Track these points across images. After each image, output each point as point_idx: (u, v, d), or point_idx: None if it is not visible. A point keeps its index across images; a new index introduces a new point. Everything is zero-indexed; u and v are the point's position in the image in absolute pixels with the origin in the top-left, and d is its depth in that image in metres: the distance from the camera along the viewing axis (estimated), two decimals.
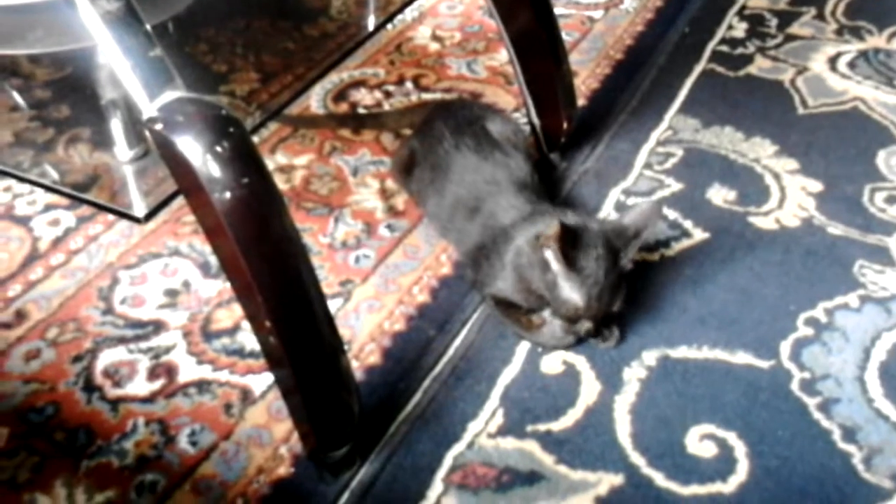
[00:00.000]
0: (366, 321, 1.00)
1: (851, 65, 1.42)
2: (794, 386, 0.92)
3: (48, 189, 1.14)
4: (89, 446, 0.87)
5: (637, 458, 0.86)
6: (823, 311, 1.00)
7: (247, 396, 0.92)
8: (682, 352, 0.96)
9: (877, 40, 1.49)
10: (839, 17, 1.55)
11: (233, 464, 0.86)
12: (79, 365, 0.95)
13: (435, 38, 1.51)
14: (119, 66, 0.72)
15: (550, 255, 0.90)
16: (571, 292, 0.90)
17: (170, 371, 0.95)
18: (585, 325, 0.92)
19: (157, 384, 0.93)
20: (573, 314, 0.92)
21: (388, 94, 1.37)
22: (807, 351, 0.96)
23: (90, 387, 0.93)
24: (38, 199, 1.18)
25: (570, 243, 0.89)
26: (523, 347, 0.97)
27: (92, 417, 0.90)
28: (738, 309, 1.01)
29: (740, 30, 1.52)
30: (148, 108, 0.72)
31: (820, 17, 1.56)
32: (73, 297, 1.03)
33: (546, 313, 0.96)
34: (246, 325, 0.98)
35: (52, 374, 0.94)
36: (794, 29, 1.52)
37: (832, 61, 1.43)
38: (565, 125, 1.20)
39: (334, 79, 1.40)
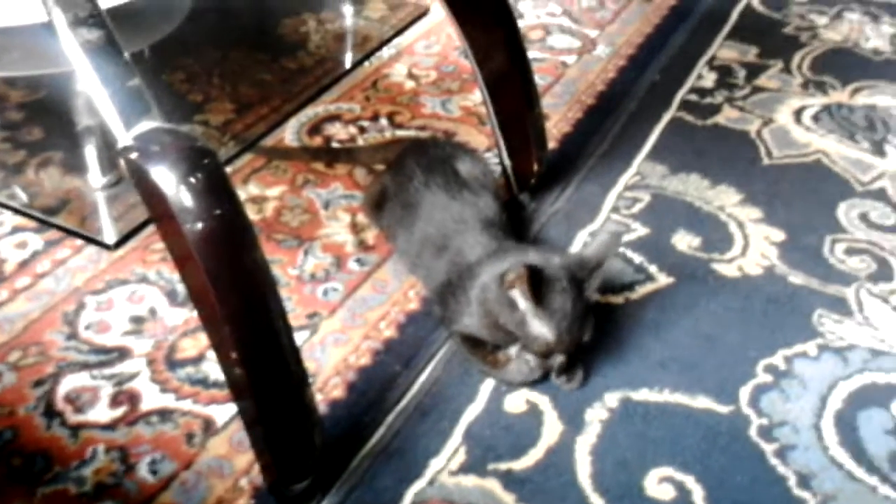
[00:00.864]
0: (331, 354, 1.01)
1: (815, 118, 1.46)
2: (753, 431, 0.94)
3: (16, 211, 1.14)
4: (46, 472, 0.86)
5: (596, 500, 0.86)
6: (783, 359, 1.02)
7: (209, 426, 0.92)
8: (643, 394, 0.97)
9: (840, 95, 1.53)
10: (805, 71, 1.60)
11: (192, 494, 0.85)
12: (40, 389, 0.94)
13: (410, 76, 1.53)
14: (96, 93, 0.73)
15: (517, 295, 0.91)
16: (542, 328, 0.91)
17: (132, 398, 0.94)
18: (559, 359, 0.94)
19: (119, 411, 0.93)
20: (545, 349, 0.93)
21: (362, 130, 1.38)
22: (765, 397, 0.98)
23: (51, 412, 0.92)
24: (5, 220, 1.17)
25: (536, 282, 0.90)
26: (487, 385, 0.98)
27: (51, 443, 0.89)
28: (700, 354, 1.03)
29: (709, 80, 1.56)
30: (124, 137, 0.72)
31: (786, 70, 1.60)
32: (38, 321, 1.02)
33: (512, 350, 0.97)
34: (211, 354, 0.98)
35: (12, 397, 0.93)
36: (762, 81, 1.56)
37: (797, 114, 1.47)
38: (536, 167, 1.22)
39: (309, 112, 1.41)
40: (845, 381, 1.00)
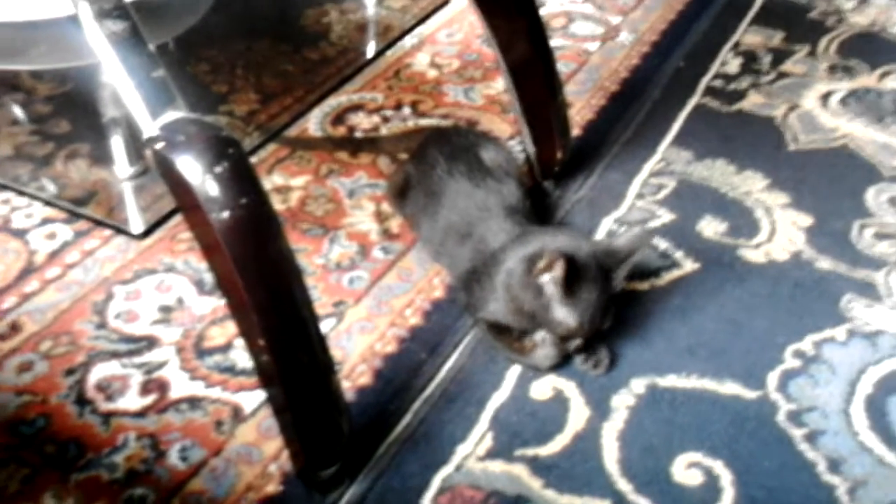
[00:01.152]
0: (358, 342, 1.01)
1: (843, 103, 1.45)
2: (781, 417, 0.93)
3: (46, 203, 1.15)
4: (79, 459, 0.87)
5: (624, 485, 0.86)
6: (811, 344, 1.02)
7: (238, 414, 0.93)
8: (670, 380, 0.97)
9: (867, 79, 1.51)
10: (832, 55, 1.58)
11: (222, 480, 0.86)
12: (71, 378, 0.96)
13: (433, 65, 1.53)
14: (122, 85, 0.74)
15: (548, 281, 0.91)
16: (566, 316, 0.92)
17: (162, 386, 0.95)
18: (577, 342, 0.95)
19: (149, 399, 0.94)
20: (565, 334, 0.94)
21: (385, 119, 1.38)
22: (794, 383, 0.97)
23: (82, 400, 0.93)
24: (35, 212, 1.18)
25: (572, 272, 0.90)
26: (513, 372, 0.98)
27: (83, 431, 0.90)
28: (727, 339, 1.02)
29: (734, 65, 1.54)
30: (149, 128, 0.73)
31: (812, 55, 1.58)
32: (68, 311, 1.04)
33: (538, 336, 0.97)
34: (238, 342, 0.99)
35: (45, 386, 0.95)
36: (787, 66, 1.55)
37: (824, 99, 1.46)
38: (559, 154, 1.22)
39: (333, 102, 1.41)
40: (875, 366, 0.99)
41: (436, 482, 0.87)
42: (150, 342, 1.00)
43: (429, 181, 1.10)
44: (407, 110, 1.40)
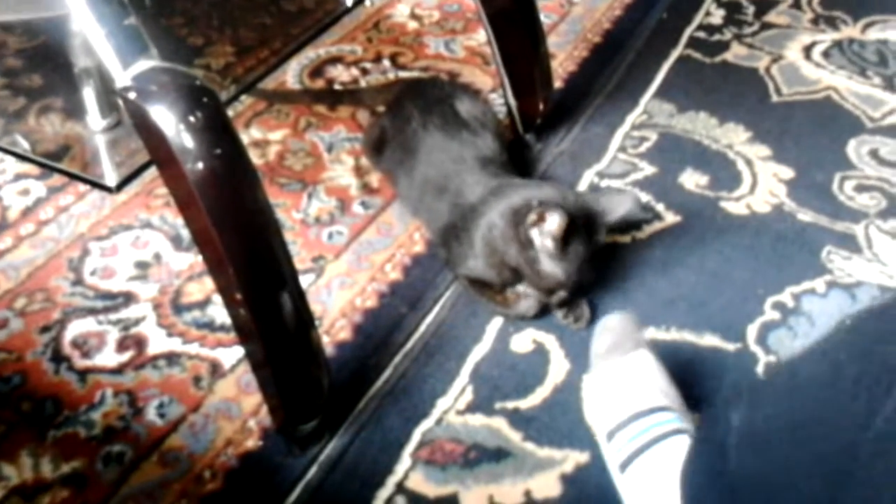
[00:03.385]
0: (338, 297, 1.00)
1: (826, 54, 1.44)
2: (760, 369, 0.94)
3: (19, 158, 1.13)
4: (56, 416, 0.87)
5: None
6: (790, 296, 1.02)
7: (216, 369, 0.92)
8: (650, 333, 0.97)
9: (851, 30, 1.50)
10: (815, 6, 1.56)
11: (201, 436, 0.86)
12: (47, 335, 0.95)
13: (413, 16, 1.50)
14: (93, 34, 0.72)
15: (539, 234, 0.90)
16: (554, 268, 0.91)
17: (139, 343, 0.94)
18: (561, 295, 0.94)
19: (126, 356, 0.93)
20: (552, 287, 0.93)
21: (364, 72, 1.36)
22: (773, 334, 0.97)
23: (58, 357, 0.92)
24: (7, 168, 1.16)
25: (570, 228, 0.90)
26: (494, 325, 0.98)
27: (59, 388, 0.89)
28: (707, 292, 1.02)
29: (718, 16, 1.53)
30: (121, 77, 0.71)
31: (796, 6, 1.57)
32: (43, 268, 1.02)
33: (520, 288, 0.97)
34: (216, 298, 0.98)
35: (20, 343, 0.94)
36: (771, 17, 1.53)
37: (807, 50, 1.45)
38: (541, 106, 1.20)
39: (311, 55, 1.39)
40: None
41: (416, 436, 0.86)
42: (127, 298, 0.99)
43: (403, 135, 1.08)
44: (387, 63, 1.38)
